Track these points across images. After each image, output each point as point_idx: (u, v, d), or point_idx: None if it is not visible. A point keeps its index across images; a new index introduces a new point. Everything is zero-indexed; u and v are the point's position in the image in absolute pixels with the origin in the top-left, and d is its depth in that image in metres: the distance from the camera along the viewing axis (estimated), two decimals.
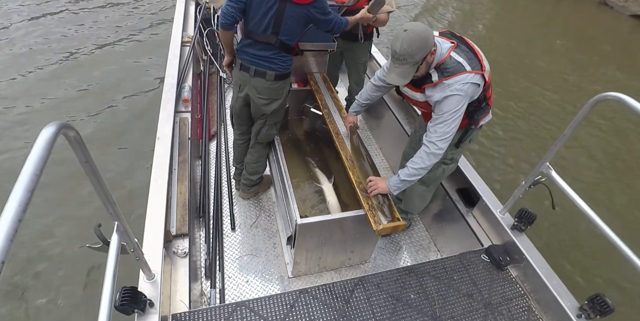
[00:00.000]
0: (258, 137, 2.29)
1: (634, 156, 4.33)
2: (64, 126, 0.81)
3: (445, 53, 1.61)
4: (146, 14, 6.41)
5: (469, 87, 1.59)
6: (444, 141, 1.66)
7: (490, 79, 1.74)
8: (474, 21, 7.82)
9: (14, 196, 0.63)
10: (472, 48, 1.68)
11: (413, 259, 2.44)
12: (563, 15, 8.77)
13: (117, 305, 1.25)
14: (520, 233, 1.93)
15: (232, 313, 1.62)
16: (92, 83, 4.62)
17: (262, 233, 2.49)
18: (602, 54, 6.81)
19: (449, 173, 2.12)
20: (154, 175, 1.92)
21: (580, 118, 1.52)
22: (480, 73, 1.60)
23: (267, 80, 2.00)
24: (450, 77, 1.59)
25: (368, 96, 2.14)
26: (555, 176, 1.68)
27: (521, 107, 5.00)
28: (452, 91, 1.58)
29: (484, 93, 1.71)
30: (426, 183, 2.13)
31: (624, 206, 3.62)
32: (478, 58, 1.64)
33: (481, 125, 1.91)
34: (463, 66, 1.59)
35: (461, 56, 1.61)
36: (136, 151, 3.61)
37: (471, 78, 1.58)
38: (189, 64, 3.07)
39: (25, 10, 6.08)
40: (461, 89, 1.57)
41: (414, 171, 1.74)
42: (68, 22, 5.88)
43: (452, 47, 1.62)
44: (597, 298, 1.56)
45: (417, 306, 1.73)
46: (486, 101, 1.78)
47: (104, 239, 1.14)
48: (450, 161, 2.04)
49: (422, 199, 2.26)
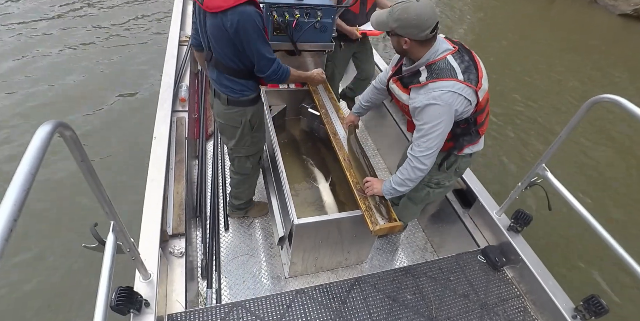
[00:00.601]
0: (233, 166, 2.15)
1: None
2: (60, 125, 0.80)
3: (441, 54, 1.49)
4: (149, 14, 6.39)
5: (452, 97, 1.43)
6: (427, 157, 1.54)
7: (485, 102, 1.59)
8: (464, 19, 7.84)
9: (9, 196, 0.62)
10: (475, 62, 1.54)
11: (409, 260, 2.44)
12: (556, 13, 8.85)
13: (113, 305, 1.24)
14: (517, 234, 1.93)
15: (229, 314, 1.61)
16: (92, 83, 4.60)
17: (259, 233, 2.48)
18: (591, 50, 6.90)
19: (436, 197, 2.03)
20: (150, 175, 1.92)
21: (576, 120, 1.53)
22: (472, 87, 1.46)
23: (222, 103, 1.80)
24: (437, 80, 1.45)
25: (369, 98, 2.08)
26: (551, 177, 1.69)
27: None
28: (432, 97, 1.44)
29: (475, 116, 1.58)
30: (414, 201, 2.08)
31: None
32: (478, 73, 1.50)
33: (468, 154, 1.77)
34: (455, 72, 1.45)
35: (458, 62, 1.48)
36: (132, 150, 3.59)
37: (458, 88, 1.43)
38: (187, 63, 3.06)
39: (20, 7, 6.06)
40: (442, 98, 1.42)
41: (401, 182, 1.66)
42: (67, 21, 5.87)
43: (451, 51, 1.50)
44: (592, 299, 1.57)
45: (414, 307, 1.73)
46: (476, 127, 1.63)
47: (100, 239, 1.13)
48: (436, 186, 1.92)
49: (411, 214, 2.21)
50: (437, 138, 1.50)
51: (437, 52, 1.50)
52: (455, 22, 7.62)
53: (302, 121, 2.96)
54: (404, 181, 1.65)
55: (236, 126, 1.87)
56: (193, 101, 2.99)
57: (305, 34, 2.26)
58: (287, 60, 2.61)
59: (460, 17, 7.87)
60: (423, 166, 1.57)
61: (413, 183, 1.66)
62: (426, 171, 1.60)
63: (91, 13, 6.18)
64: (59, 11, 6.09)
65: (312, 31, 2.26)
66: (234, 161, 2.10)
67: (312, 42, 2.37)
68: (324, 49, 2.49)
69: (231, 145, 1.98)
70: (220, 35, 1.56)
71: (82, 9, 6.25)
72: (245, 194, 2.32)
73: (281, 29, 2.22)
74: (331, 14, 2.26)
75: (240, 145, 1.97)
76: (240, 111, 1.81)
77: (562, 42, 7.11)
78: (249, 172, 2.16)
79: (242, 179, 2.21)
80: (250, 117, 1.85)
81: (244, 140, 1.94)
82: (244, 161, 2.08)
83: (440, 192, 1.98)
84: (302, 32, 2.24)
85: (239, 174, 2.19)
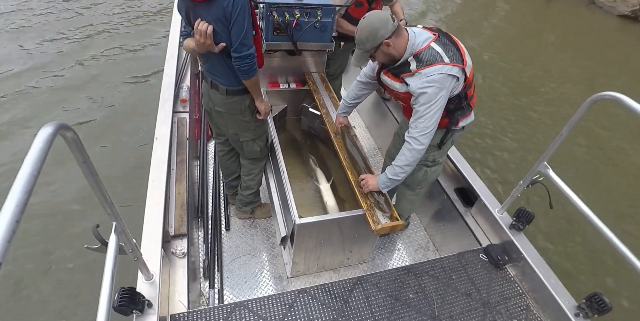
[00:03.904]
0: (243, 152, 2.18)
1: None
2: (62, 127, 0.80)
3: (424, 43, 1.61)
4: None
5: (445, 79, 1.57)
6: (425, 136, 1.64)
7: (472, 76, 1.72)
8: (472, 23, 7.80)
9: (11, 197, 0.63)
10: (456, 43, 1.67)
11: (411, 259, 2.44)
12: (553, 14, 8.77)
13: (116, 305, 1.25)
14: (519, 232, 1.93)
15: (231, 314, 1.61)
16: (89, 82, 4.61)
17: (261, 233, 2.48)
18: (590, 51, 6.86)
19: (433, 176, 2.08)
20: (152, 175, 1.92)
21: (577, 118, 1.52)
22: (459, 66, 1.59)
23: (220, 93, 1.85)
24: (427, 66, 1.58)
25: (355, 95, 2.11)
26: (553, 175, 1.68)
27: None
28: (428, 81, 1.57)
29: (465, 91, 1.70)
30: (411, 186, 2.12)
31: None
32: (460, 52, 1.64)
33: (463, 127, 1.88)
34: (441, 57, 1.58)
35: (441, 47, 1.60)
36: (133, 151, 3.60)
37: (448, 69, 1.57)
38: (187, 64, 3.07)
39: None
40: (437, 80, 1.56)
41: (399, 169, 1.74)
42: (67, 20, 5.88)
43: (432, 39, 1.62)
44: (594, 297, 1.57)
45: (416, 306, 1.73)
46: (467, 101, 1.76)
47: (102, 240, 1.14)
48: (432, 163, 2.00)
49: (410, 203, 2.25)
50: (432, 117, 1.61)
51: (419, 42, 1.62)
52: (467, 32, 7.57)
53: (303, 120, 2.97)
54: (402, 167, 1.72)
55: (236, 113, 1.92)
56: (194, 102, 2.99)
57: (305, 33, 2.26)
58: (287, 60, 2.62)
59: (474, 26, 7.83)
60: (421, 146, 1.66)
61: (410, 167, 1.75)
62: (423, 151, 1.69)
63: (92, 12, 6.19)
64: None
65: (312, 31, 2.27)
66: (242, 146, 2.13)
67: (312, 42, 2.37)
68: (324, 48, 2.50)
69: (234, 131, 2.02)
70: (215, 24, 1.57)
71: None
72: (255, 181, 2.33)
73: (281, 29, 2.22)
74: (331, 14, 2.27)
75: (245, 129, 2.01)
76: (240, 98, 1.87)
77: (559, 43, 7.07)
78: (259, 155, 2.19)
79: (252, 163, 2.24)
80: (248, 103, 1.91)
81: (247, 125, 1.99)
82: (252, 145, 2.11)
83: (435, 170, 2.04)
84: (302, 32, 2.25)
85: (248, 160, 2.23)
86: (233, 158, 2.33)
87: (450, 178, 2.44)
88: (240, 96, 1.86)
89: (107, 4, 6.54)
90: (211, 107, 1.97)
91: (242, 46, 1.61)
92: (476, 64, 2.05)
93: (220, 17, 1.54)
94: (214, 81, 1.85)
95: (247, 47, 1.62)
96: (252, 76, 1.72)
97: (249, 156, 2.20)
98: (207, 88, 1.91)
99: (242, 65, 1.65)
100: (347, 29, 2.69)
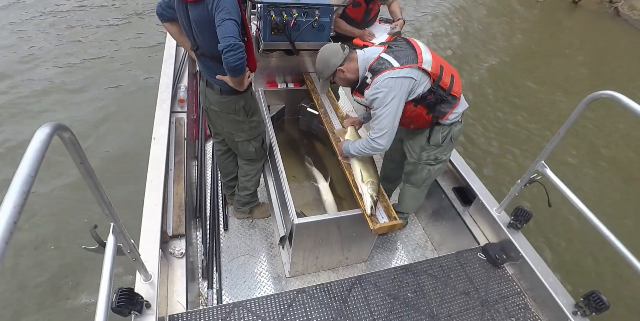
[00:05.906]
0: (239, 152, 2.18)
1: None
2: (59, 127, 0.80)
3: (374, 55, 1.72)
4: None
5: (391, 82, 1.64)
6: (381, 138, 1.72)
7: (438, 69, 1.71)
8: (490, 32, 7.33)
9: (9, 198, 0.62)
10: (412, 43, 1.74)
11: (410, 258, 2.44)
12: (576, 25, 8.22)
13: (114, 306, 1.24)
14: (517, 231, 1.93)
15: (230, 314, 1.61)
16: (88, 83, 4.59)
17: (259, 233, 2.48)
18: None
19: (437, 174, 2.09)
20: (149, 176, 1.92)
21: (575, 117, 1.53)
22: (411, 66, 1.65)
23: (215, 93, 1.86)
24: (377, 75, 1.68)
25: (367, 113, 2.20)
26: (551, 174, 1.69)
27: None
28: (376, 88, 1.67)
29: (436, 83, 1.71)
30: (415, 184, 2.14)
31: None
32: (415, 51, 1.69)
33: (458, 120, 1.87)
34: (390, 63, 1.67)
35: (390, 55, 1.69)
36: (131, 151, 3.59)
37: (396, 73, 1.64)
38: (185, 64, 3.06)
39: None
40: (384, 85, 1.64)
41: (358, 150, 1.85)
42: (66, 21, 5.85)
43: (382, 50, 1.73)
44: (592, 295, 1.57)
45: (415, 305, 1.74)
46: (446, 91, 1.74)
47: (100, 241, 1.13)
48: (435, 162, 2.00)
49: (415, 200, 2.27)
50: (385, 119, 1.69)
51: (369, 57, 1.75)
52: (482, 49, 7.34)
53: (301, 120, 2.96)
54: (359, 150, 1.84)
55: (230, 113, 1.93)
56: (192, 102, 2.99)
57: (303, 33, 2.25)
58: (285, 59, 2.61)
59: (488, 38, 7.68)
60: (379, 146, 1.75)
61: (366, 155, 1.88)
62: (382, 150, 1.79)
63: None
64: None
65: (310, 30, 2.26)
66: (237, 147, 2.13)
67: (310, 42, 2.37)
68: None
69: (229, 130, 2.02)
70: (204, 24, 1.60)
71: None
72: (252, 183, 2.32)
73: (279, 29, 2.22)
74: (329, 13, 2.26)
75: (239, 129, 2.01)
76: (234, 98, 1.88)
77: (580, 53, 6.69)
78: (254, 156, 2.19)
79: (248, 164, 2.24)
80: (243, 104, 1.92)
81: (242, 125, 2.00)
82: (247, 145, 2.10)
83: (439, 168, 2.06)
84: (300, 32, 2.24)
85: (245, 160, 2.23)
86: (230, 158, 2.33)
87: (449, 177, 2.44)
88: (235, 95, 1.86)
89: (104, 3, 6.52)
90: (207, 106, 1.99)
91: (227, 39, 1.51)
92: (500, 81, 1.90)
93: (207, 17, 1.56)
94: (209, 80, 1.86)
95: (233, 38, 1.51)
96: (240, 74, 1.65)
97: (245, 157, 2.20)
98: (204, 87, 1.93)
99: (228, 56, 1.53)
100: (344, 29, 2.70)
